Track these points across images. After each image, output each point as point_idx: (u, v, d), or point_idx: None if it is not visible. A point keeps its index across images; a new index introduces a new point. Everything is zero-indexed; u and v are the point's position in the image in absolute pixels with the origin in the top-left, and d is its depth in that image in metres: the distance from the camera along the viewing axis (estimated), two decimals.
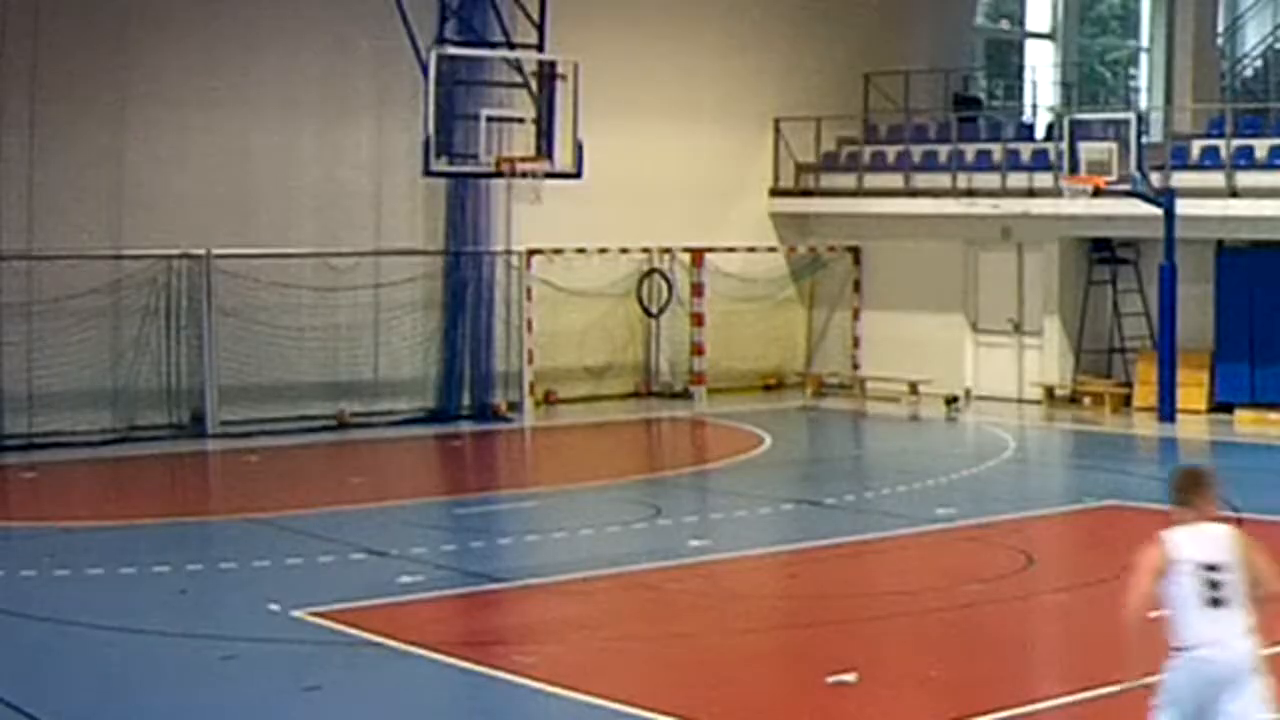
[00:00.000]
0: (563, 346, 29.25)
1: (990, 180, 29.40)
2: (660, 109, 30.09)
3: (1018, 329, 30.07)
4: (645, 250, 30.15)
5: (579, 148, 23.44)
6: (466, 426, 26.98)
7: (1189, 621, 8.28)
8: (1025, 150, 29.70)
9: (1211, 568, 8.25)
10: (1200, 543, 8.33)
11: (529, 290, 28.46)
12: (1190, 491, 8.52)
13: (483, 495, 21.16)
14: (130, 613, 14.27)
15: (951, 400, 29.30)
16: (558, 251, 28.78)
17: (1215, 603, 8.23)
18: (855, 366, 31.84)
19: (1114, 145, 26.13)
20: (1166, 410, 26.88)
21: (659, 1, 30.45)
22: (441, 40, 23.47)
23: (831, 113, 31.60)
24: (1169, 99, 32.98)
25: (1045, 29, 37.30)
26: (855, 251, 31.96)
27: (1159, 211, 26.43)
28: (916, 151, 30.77)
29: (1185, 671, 8.30)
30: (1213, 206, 26.45)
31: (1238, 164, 26.68)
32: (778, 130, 31.86)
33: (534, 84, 23.68)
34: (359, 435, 25.87)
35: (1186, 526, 8.43)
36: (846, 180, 31.52)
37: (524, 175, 23.47)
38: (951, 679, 12.37)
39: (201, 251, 25.34)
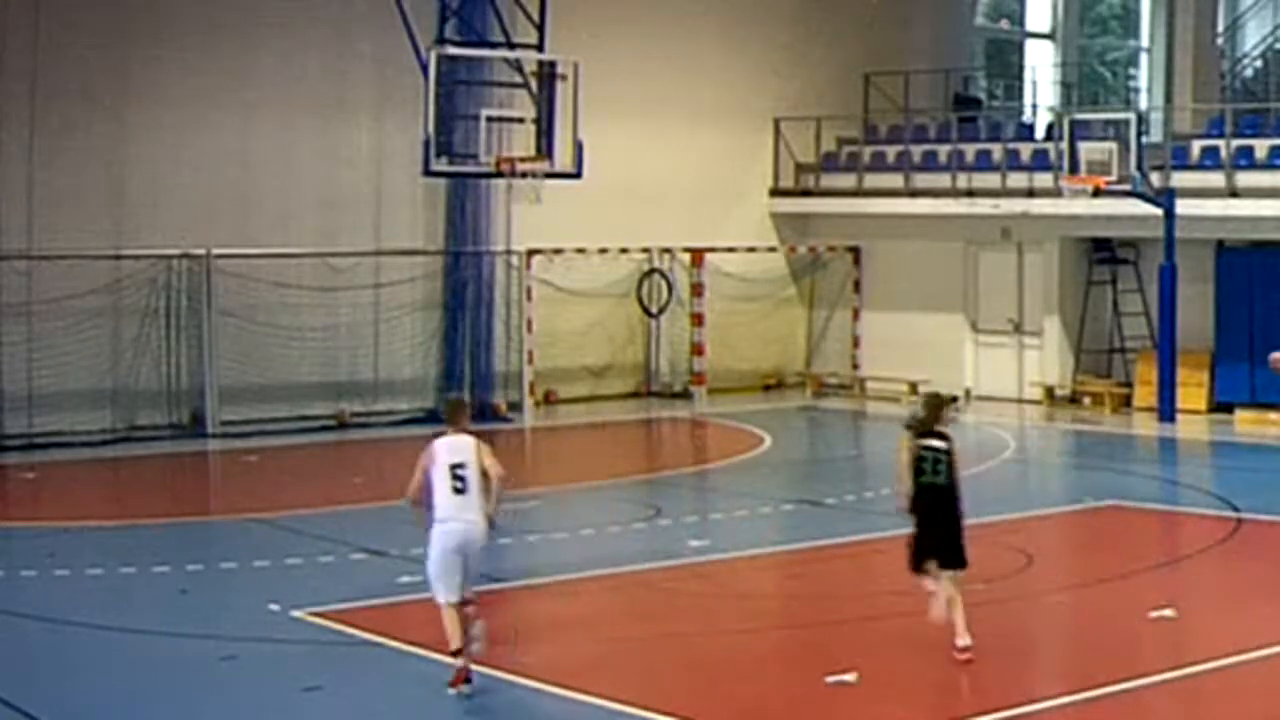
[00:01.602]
0: (563, 346, 29.25)
1: (990, 180, 29.40)
2: (660, 109, 30.09)
3: (1018, 329, 30.07)
4: (645, 250, 30.15)
5: (579, 148, 23.42)
6: None
7: (441, 503, 12.00)
8: (1025, 150, 29.70)
9: (457, 465, 12.05)
10: (452, 448, 12.12)
11: (529, 290, 28.46)
12: (452, 414, 12.60)
13: None
14: (130, 613, 14.28)
15: (951, 400, 29.19)
16: (558, 251, 28.78)
17: (458, 490, 12.01)
18: (855, 366, 31.84)
19: (1114, 145, 26.12)
20: (1166, 410, 26.88)
21: (659, 1, 30.46)
22: (441, 40, 23.44)
23: (831, 113, 31.61)
24: (1169, 99, 32.96)
25: (1045, 29, 37.30)
26: (855, 251, 31.96)
27: (1159, 211, 26.43)
28: (916, 151, 30.77)
29: (439, 538, 12.00)
30: (1213, 206, 26.45)
31: (1238, 164, 26.68)
32: (778, 130, 31.86)
33: (534, 84, 23.64)
34: (359, 435, 25.87)
35: (448, 438, 12.21)
36: (846, 180, 31.53)
37: (524, 175, 23.44)
38: (951, 679, 12.37)
39: (201, 251, 25.34)
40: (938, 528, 12.83)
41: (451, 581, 11.92)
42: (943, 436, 13.09)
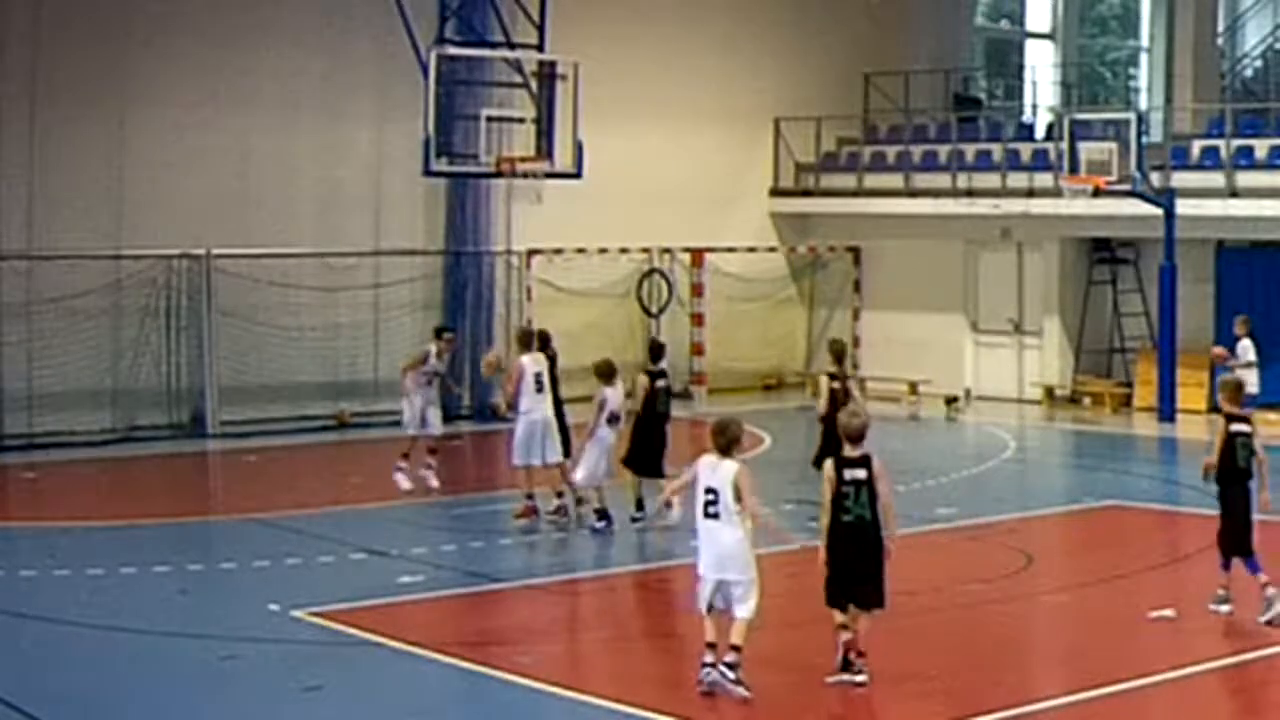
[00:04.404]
0: (562, 346, 29.13)
1: (990, 180, 29.41)
2: (660, 109, 30.09)
3: (1018, 329, 30.08)
4: (645, 250, 30.15)
5: (579, 148, 23.42)
6: (466, 426, 26.95)
7: (525, 399, 18.17)
8: (1025, 150, 29.71)
9: (538, 373, 18.32)
10: (535, 362, 18.39)
11: (529, 290, 28.46)
12: (543, 341, 18.98)
13: (483, 495, 21.14)
14: (130, 613, 14.28)
15: (951, 400, 29.29)
16: (558, 251, 28.78)
17: (538, 390, 18.26)
18: (855, 366, 31.78)
19: (1114, 145, 26.13)
20: (1166, 410, 26.88)
21: (659, 1, 30.46)
22: (441, 40, 23.44)
23: (831, 113, 31.61)
24: (1169, 99, 32.97)
25: (1045, 29, 37.31)
26: (855, 251, 31.97)
27: (1159, 211, 26.44)
28: (916, 151, 30.78)
29: (523, 422, 18.11)
30: (1213, 206, 26.46)
31: (1238, 164, 26.69)
32: (778, 130, 31.87)
33: (534, 84, 23.64)
34: (359, 435, 25.86)
35: (530, 355, 18.41)
36: (846, 180, 31.53)
37: (524, 175, 23.44)
38: (951, 679, 12.37)
39: (201, 251, 25.35)
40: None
41: (528, 452, 17.92)
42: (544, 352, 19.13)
